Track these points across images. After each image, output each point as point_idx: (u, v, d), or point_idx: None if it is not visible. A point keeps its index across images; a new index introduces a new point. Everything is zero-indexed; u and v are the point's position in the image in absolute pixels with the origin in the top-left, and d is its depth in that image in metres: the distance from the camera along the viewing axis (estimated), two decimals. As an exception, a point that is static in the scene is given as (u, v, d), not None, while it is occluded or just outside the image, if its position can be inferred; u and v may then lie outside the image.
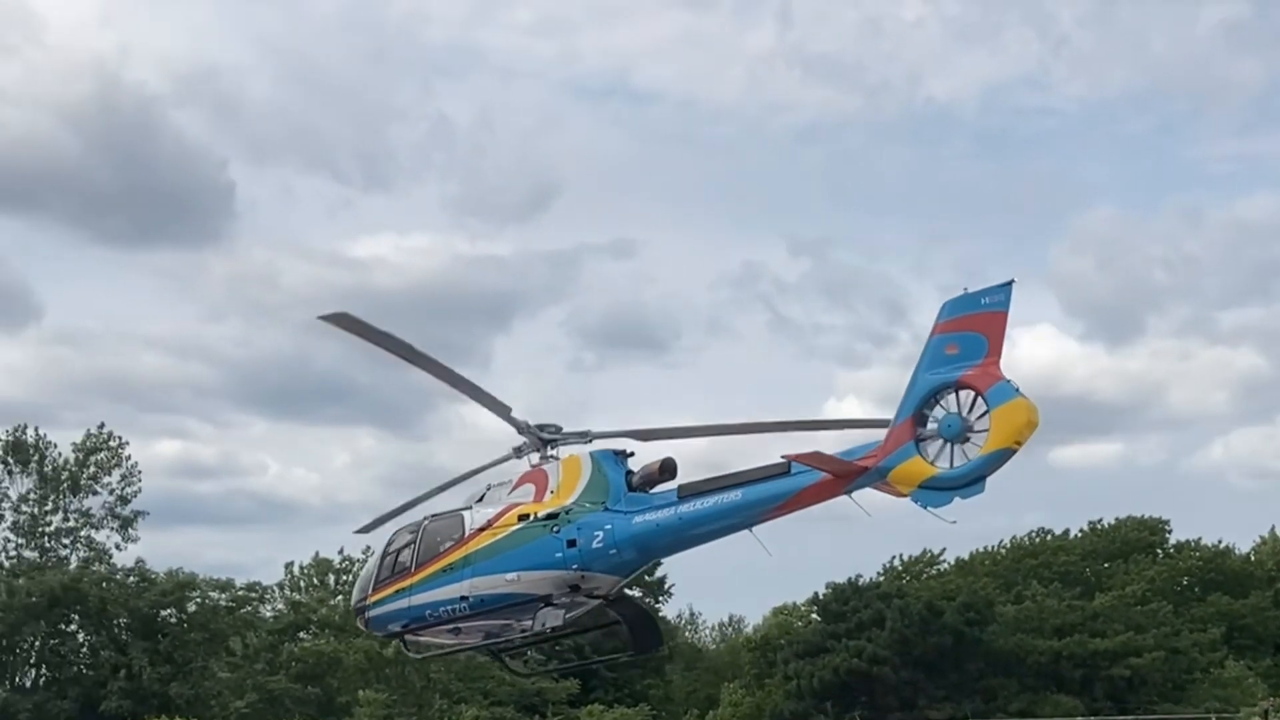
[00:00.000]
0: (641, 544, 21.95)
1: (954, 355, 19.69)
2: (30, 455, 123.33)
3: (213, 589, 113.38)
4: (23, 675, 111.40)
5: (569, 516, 22.06)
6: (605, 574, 21.90)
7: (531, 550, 21.88)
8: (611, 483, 22.13)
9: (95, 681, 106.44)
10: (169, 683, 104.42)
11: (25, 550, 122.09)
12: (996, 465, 19.84)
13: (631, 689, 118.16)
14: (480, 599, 22.35)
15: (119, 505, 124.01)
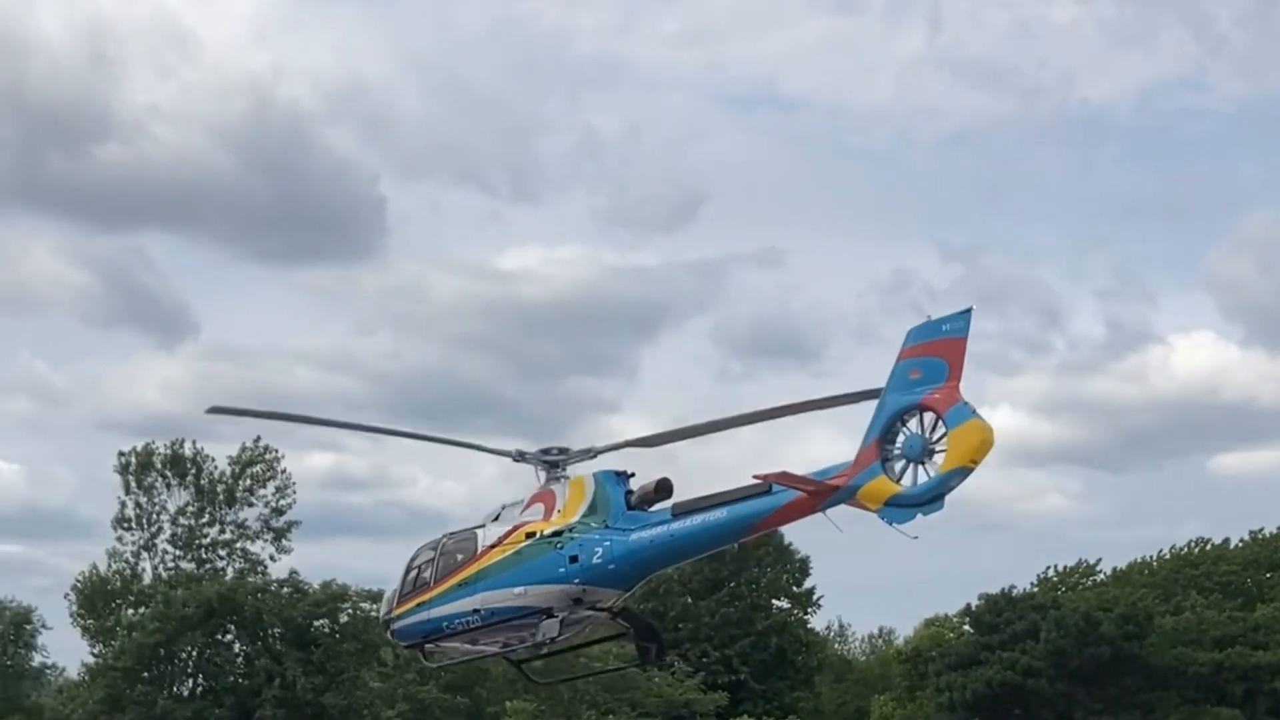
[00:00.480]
0: (637, 559, 23.02)
1: (917, 379, 20.57)
2: (188, 469, 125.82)
3: (364, 600, 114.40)
4: (181, 684, 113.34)
5: (572, 534, 23.23)
6: (606, 588, 23.10)
7: (537, 566, 23.10)
8: (612, 502, 23.36)
9: (250, 690, 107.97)
10: (322, 692, 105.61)
11: (183, 562, 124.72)
12: (954, 484, 20.44)
13: (780, 701, 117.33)
14: (491, 611, 23.69)
15: (273, 517, 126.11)
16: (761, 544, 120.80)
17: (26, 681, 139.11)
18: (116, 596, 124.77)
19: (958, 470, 20.13)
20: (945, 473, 20.07)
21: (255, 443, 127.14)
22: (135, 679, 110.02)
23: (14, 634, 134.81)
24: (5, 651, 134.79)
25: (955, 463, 20.15)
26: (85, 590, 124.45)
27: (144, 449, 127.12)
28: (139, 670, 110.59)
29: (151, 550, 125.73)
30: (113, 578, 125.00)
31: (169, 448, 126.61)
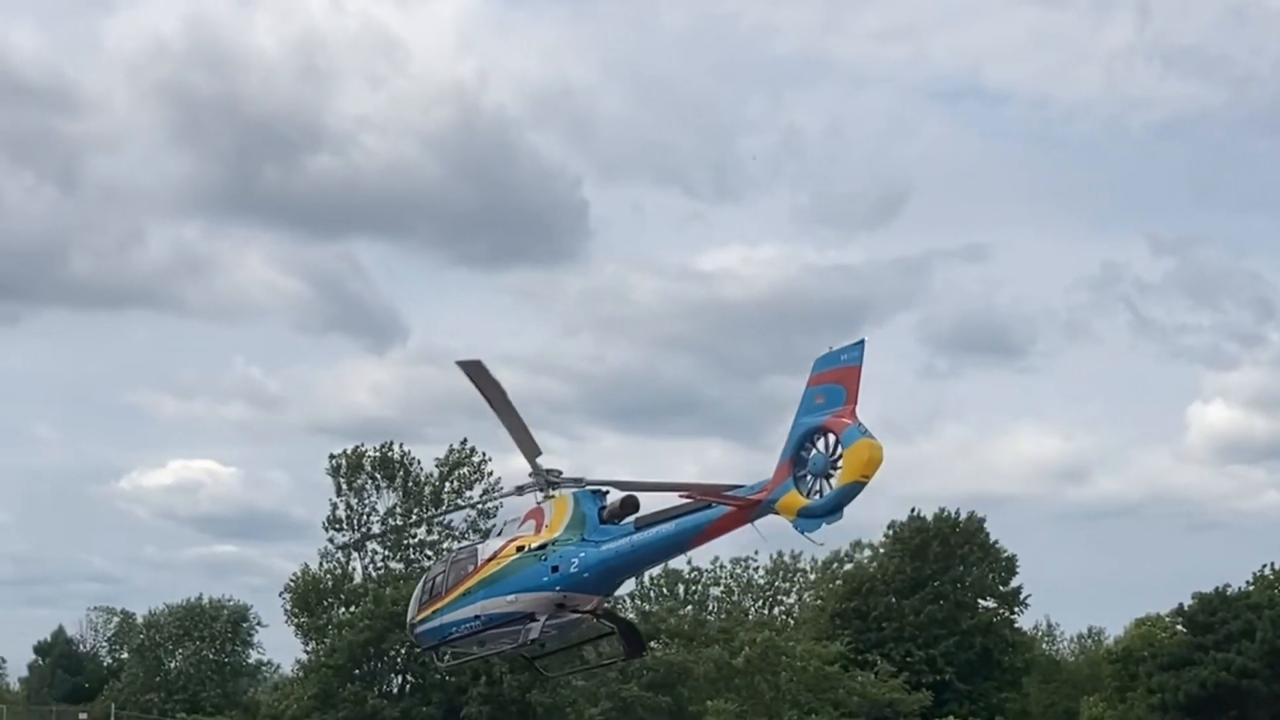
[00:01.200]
0: (607, 568, 25.90)
1: (820, 404, 23.19)
2: (396, 471, 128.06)
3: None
4: (389, 682, 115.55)
5: (554, 547, 26.13)
6: (584, 593, 25.89)
7: (525, 576, 26.09)
8: (588, 517, 26.26)
9: (457, 688, 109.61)
10: (528, 690, 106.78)
11: (391, 561, 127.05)
12: (850, 496, 22.94)
13: (986, 701, 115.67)
14: (490, 617, 26.74)
15: (480, 518, 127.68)
16: (966, 541, 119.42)
17: (244, 678, 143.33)
18: (328, 595, 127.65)
19: (853, 484, 22.59)
20: (841, 487, 22.54)
21: (462, 445, 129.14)
22: (346, 676, 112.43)
23: (231, 632, 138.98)
24: (223, 649, 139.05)
25: (849, 478, 22.60)
26: (299, 589, 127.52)
27: (354, 452, 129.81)
28: (350, 668, 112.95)
29: (362, 550, 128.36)
30: (324, 577, 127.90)
31: (378, 450, 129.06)
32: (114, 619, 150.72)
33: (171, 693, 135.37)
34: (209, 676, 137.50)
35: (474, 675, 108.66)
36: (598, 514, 26.52)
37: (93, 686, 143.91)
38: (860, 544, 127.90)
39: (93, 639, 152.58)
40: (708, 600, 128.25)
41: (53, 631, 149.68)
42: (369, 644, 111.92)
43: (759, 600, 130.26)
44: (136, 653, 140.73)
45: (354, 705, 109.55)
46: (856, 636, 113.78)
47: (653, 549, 25.89)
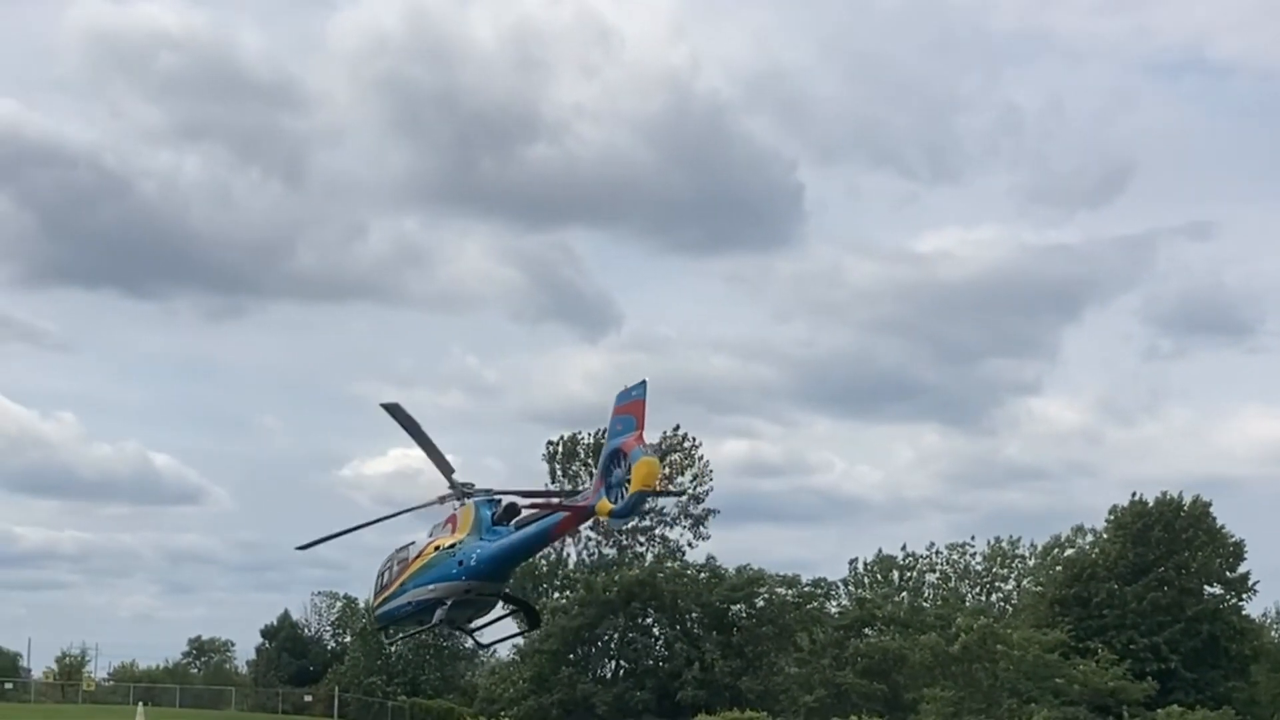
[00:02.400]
0: (496, 560, 30.90)
1: (619, 430, 27.94)
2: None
3: (780, 585, 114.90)
4: (603, 667, 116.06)
5: (461, 545, 31.31)
6: (484, 582, 31.10)
7: (441, 570, 31.33)
8: (483, 520, 31.36)
9: (670, 674, 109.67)
10: (740, 676, 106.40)
11: (604, 548, 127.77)
12: (641, 500, 27.80)
13: (1213, 690, 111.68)
14: (418, 604, 31.89)
15: (691, 504, 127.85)
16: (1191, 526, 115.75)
17: (461, 662, 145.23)
18: (544, 580, 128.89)
19: (639, 493, 27.36)
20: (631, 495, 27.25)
21: (674, 431, 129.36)
22: (561, 661, 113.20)
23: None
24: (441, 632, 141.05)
25: (636, 487, 27.27)
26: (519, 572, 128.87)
27: (569, 438, 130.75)
28: (565, 653, 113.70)
29: (575, 537, 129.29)
30: (540, 563, 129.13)
31: (592, 437, 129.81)
32: (337, 604, 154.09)
33: (392, 676, 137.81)
34: (428, 660, 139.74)
35: (687, 660, 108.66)
36: (490, 518, 31.59)
37: (317, 669, 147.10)
38: (1082, 529, 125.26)
39: (317, 623, 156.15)
40: (923, 587, 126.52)
41: (279, 616, 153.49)
42: (582, 629, 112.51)
43: (976, 586, 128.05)
44: (358, 637, 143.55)
45: (568, 690, 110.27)
46: (1077, 624, 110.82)
47: (526, 544, 31.24)
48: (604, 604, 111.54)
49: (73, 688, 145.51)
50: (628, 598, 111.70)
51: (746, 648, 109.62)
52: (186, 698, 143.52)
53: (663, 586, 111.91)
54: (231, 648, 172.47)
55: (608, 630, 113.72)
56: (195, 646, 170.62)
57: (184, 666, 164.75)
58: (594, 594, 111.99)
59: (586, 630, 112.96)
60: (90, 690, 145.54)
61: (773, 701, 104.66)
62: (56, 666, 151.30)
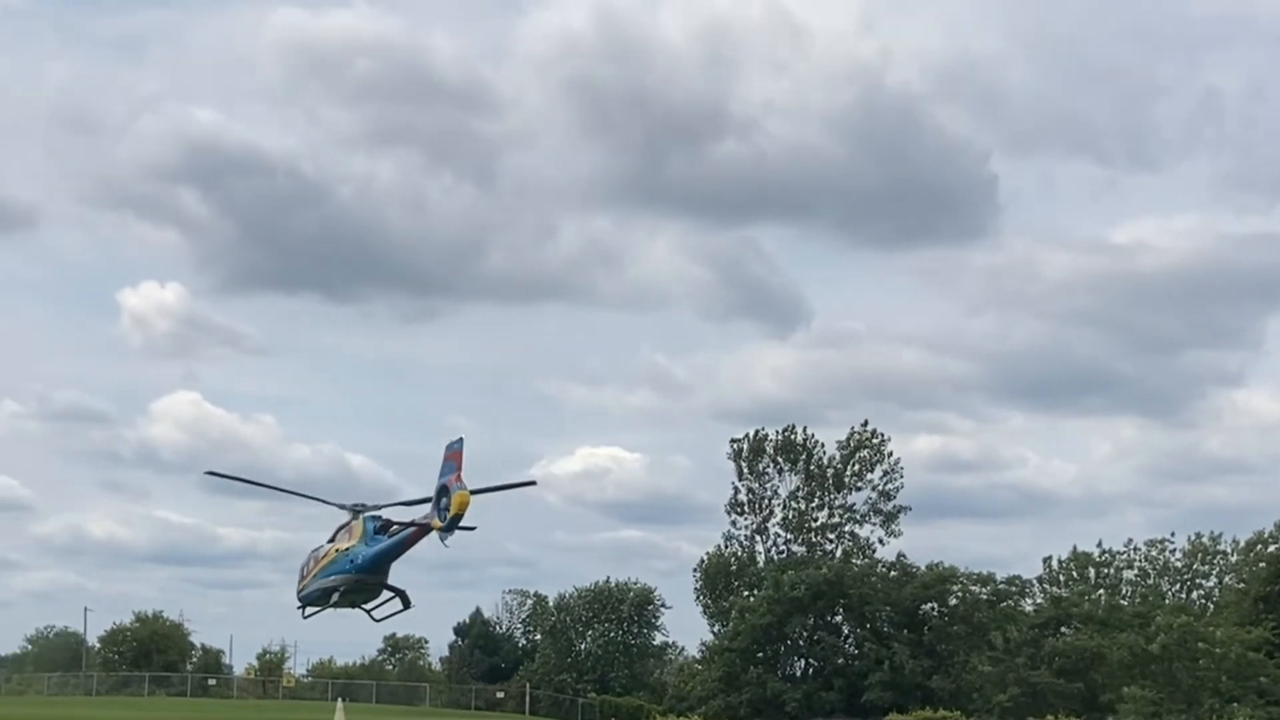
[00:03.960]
0: (374, 560, 39.37)
1: (445, 471, 36.18)
2: (798, 454, 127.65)
3: (973, 583, 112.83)
4: (792, 666, 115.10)
5: (352, 549, 40.01)
6: (368, 575, 39.73)
7: (339, 566, 40.10)
8: (368, 531, 39.82)
9: (858, 673, 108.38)
10: (930, 675, 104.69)
11: (793, 545, 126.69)
12: (455, 522, 35.79)
13: None
14: (324, 590, 40.57)
15: (881, 501, 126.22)
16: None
17: (650, 659, 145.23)
18: (733, 578, 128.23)
19: (455, 516, 35.63)
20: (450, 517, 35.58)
21: (863, 427, 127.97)
22: (750, 660, 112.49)
23: (637, 614, 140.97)
24: (630, 630, 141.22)
25: (453, 512, 35.55)
26: (706, 572, 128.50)
27: (756, 436, 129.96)
28: (753, 651, 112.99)
29: (764, 534, 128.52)
30: (728, 561, 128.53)
31: (779, 434, 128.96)
32: (527, 601, 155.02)
33: (582, 673, 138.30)
34: (617, 657, 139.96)
35: (876, 660, 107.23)
36: (372, 530, 40.09)
37: (508, 666, 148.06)
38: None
39: (508, 620, 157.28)
40: (1120, 584, 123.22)
41: (470, 614, 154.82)
42: (771, 628, 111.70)
43: (1175, 583, 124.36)
44: (549, 634, 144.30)
45: (757, 688, 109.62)
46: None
47: (393, 548, 39.22)
48: (792, 602, 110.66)
49: (273, 684, 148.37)
50: (816, 596, 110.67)
51: (938, 647, 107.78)
52: (382, 694, 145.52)
53: (852, 584, 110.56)
54: (425, 645, 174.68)
55: (796, 629, 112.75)
56: (390, 644, 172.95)
57: (379, 663, 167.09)
58: (782, 592, 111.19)
59: (775, 629, 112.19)
60: (290, 687, 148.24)
61: (965, 701, 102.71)
62: (258, 663, 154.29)
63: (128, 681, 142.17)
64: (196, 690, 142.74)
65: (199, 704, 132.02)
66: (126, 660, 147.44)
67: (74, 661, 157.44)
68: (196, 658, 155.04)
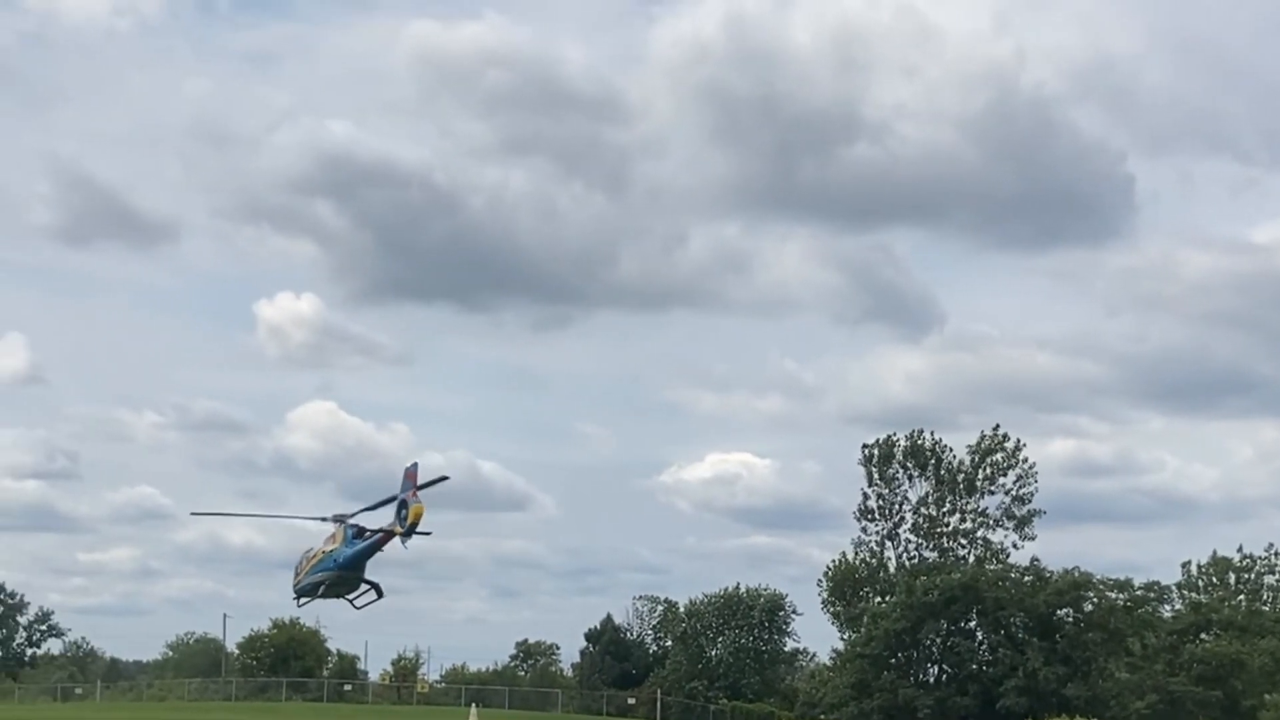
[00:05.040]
0: (351, 560, 47.51)
1: (405, 487, 43.80)
2: (928, 459, 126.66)
3: (1110, 588, 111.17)
4: (925, 672, 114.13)
5: (334, 551, 48.10)
6: (348, 571, 47.96)
7: (324, 565, 48.31)
8: (348, 536, 47.54)
9: (993, 679, 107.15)
10: (1066, 682, 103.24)
11: (925, 550, 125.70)
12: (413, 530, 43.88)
13: None
14: (314, 583, 49.19)
15: (1015, 505, 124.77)
16: None
17: (781, 665, 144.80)
18: (863, 585, 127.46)
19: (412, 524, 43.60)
20: (408, 526, 43.62)
21: (994, 431, 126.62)
22: (882, 666, 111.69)
23: (768, 620, 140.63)
24: (760, 637, 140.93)
25: (410, 522, 43.54)
26: (834, 578, 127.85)
27: (886, 441, 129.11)
28: (886, 657, 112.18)
29: (895, 540, 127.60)
30: (859, 566, 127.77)
31: (909, 439, 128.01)
32: (658, 608, 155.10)
33: (713, 680, 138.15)
34: (748, 664, 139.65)
35: (1010, 667, 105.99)
36: (350, 535, 47.76)
37: (639, 673, 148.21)
38: None
39: (638, 627, 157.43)
40: (1262, 589, 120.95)
41: (601, 620, 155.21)
42: (903, 634, 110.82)
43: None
44: (679, 640, 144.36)
45: (889, 694, 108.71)
46: None
47: (366, 550, 47.03)
48: (925, 608, 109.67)
49: (407, 689, 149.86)
50: (949, 601, 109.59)
51: (1074, 653, 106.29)
52: (515, 699, 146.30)
53: (985, 590, 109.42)
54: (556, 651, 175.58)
55: (929, 634, 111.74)
56: (522, 649, 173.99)
57: (511, 669, 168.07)
58: (915, 598, 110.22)
59: (908, 634, 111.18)
60: (424, 692, 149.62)
61: (1101, 708, 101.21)
62: (392, 669, 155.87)
63: (266, 687, 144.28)
64: (332, 696, 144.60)
65: (335, 709, 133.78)
66: (264, 666, 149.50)
67: (213, 668, 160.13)
68: (332, 663, 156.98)
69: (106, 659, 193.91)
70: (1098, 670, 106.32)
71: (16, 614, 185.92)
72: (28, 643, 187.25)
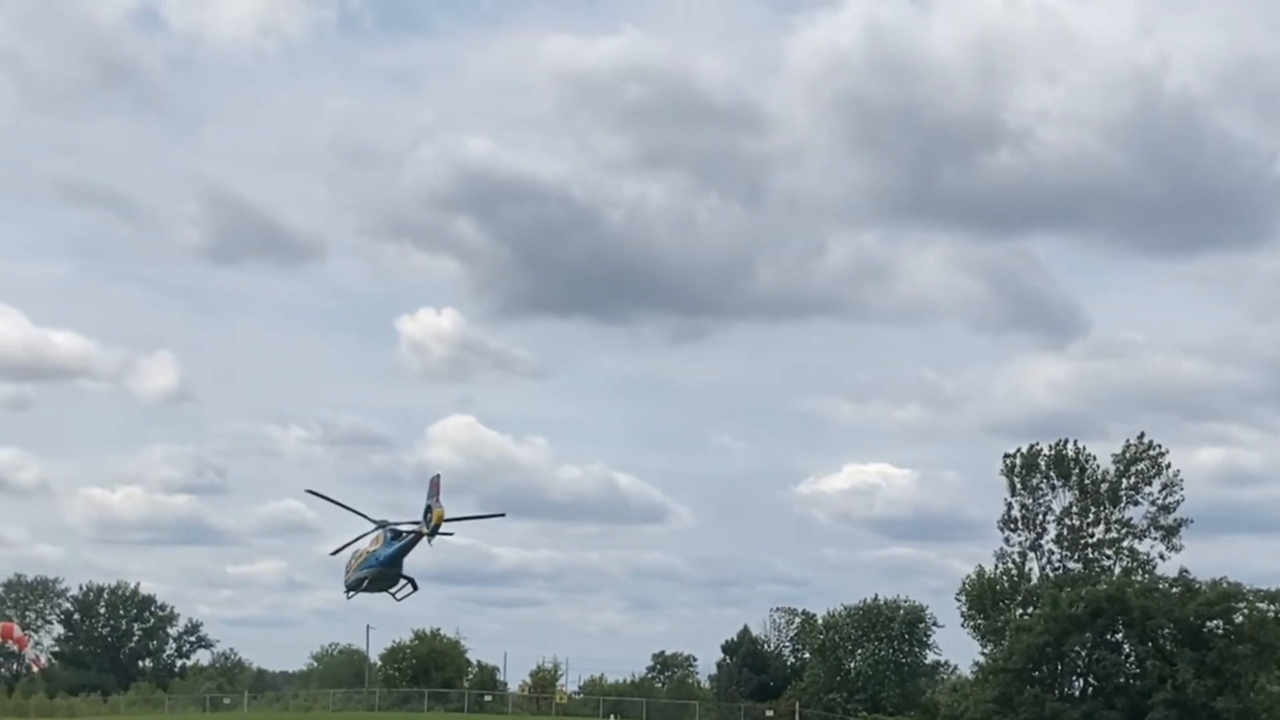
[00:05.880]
0: (391, 558, 55.86)
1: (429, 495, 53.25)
2: (1071, 468, 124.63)
3: (1261, 600, 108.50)
4: (1070, 685, 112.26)
5: (377, 550, 56.35)
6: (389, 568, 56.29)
7: (368, 563, 56.58)
8: (388, 538, 55.73)
9: (1140, 692, 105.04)
10: (1216, 696, 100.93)
11: (1069, 562, 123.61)
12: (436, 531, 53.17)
13: None
14: (360, 578, 57.15)
15: (1160, 515, 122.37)
16: None
17: (921, 678, 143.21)
18: (1005, 597, 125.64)
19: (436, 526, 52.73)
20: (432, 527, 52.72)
21: (1139, 439, 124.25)
22: (1026, 679, 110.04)
23: (908, 633, 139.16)
24: (900, 649, 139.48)
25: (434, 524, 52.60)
26: (975, 590, 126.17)
27: (1029, 450, 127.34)
28: (1029, 670, 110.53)
29: (1038, 551, 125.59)
30: (1000, 578, 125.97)
31: (1052, 448, 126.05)
32: (795, 619, 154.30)
33: (852, 692, 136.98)
34: (888, 676, 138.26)
35: (1159, 679, 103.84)
36: (389, 537, 55.41)
37: (777, 684, 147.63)
38: None
39: (776, 639, 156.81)
40: None
41: (738, 631, 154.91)
42: (1047, 647, 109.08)
43: None
44: (818, 653, 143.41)
45: (1033, 708, 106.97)
46: None
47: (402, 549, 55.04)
48: (1070, 620, 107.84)
49: (546, 700, 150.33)
50: (1095, 613, 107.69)
51: (1223, 666, 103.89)
52: (652, 711, 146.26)
53: (1132, 601, 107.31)
54: (694, 662, 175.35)
55: (1074, 647, 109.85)
56: (659, 661, 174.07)
57: (649, 681, 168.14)
58: (1059, 610, 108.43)
59: (1052, 647, 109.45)
60: (562, 703, 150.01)
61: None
62: (531, 680, 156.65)
63: (408, 698, 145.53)
64: (473, 706, 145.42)
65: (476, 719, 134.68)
66: (406, 677, 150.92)
67: (357, 678, 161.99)
68: (473, 674, 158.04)
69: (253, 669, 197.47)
70: (1248, 683, 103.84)
71: (167, 626, 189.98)
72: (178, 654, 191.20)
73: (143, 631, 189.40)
